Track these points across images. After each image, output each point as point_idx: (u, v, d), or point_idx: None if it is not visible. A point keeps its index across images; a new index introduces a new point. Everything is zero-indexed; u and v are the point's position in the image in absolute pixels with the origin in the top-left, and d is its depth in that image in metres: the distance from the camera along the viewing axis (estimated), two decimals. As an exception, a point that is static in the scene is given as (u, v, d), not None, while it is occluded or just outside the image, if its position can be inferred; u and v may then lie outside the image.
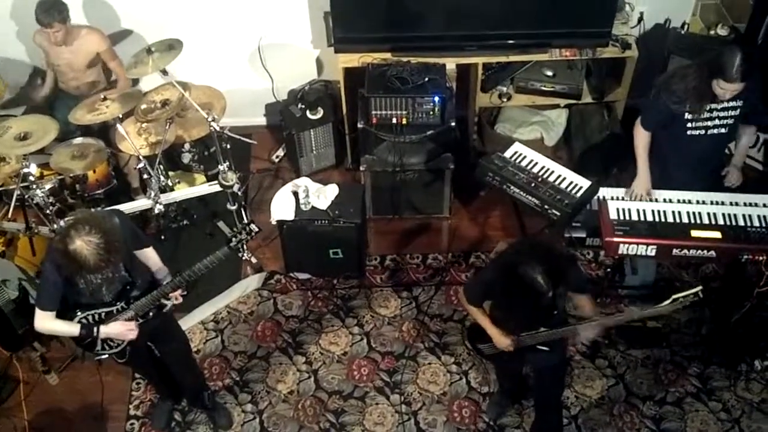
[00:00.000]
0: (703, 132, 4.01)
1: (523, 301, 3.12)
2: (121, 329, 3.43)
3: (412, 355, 4.55)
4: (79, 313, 3.41)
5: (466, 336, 4.08)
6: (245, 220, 4.02)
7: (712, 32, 5.02)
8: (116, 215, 3.31)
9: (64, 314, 3.39)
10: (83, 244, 2.99)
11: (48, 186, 4.51)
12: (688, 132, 4.02)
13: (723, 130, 4.01)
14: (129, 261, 3.42)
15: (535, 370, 3.91)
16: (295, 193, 4.66)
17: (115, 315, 3.45)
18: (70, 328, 3.39)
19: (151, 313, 3.54)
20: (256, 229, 3.34)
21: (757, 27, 4.82)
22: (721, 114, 3.96)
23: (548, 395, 3.93)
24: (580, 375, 4.40)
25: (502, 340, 3.48)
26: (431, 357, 4.54)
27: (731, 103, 3.92)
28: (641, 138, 4.15)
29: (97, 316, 3.43)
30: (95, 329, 3.39)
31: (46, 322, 3.35)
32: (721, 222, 3.99)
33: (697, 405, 4.28)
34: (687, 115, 3.97)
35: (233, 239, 3.34)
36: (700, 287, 3.13)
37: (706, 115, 3.96)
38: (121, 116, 4.54)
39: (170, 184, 4.81)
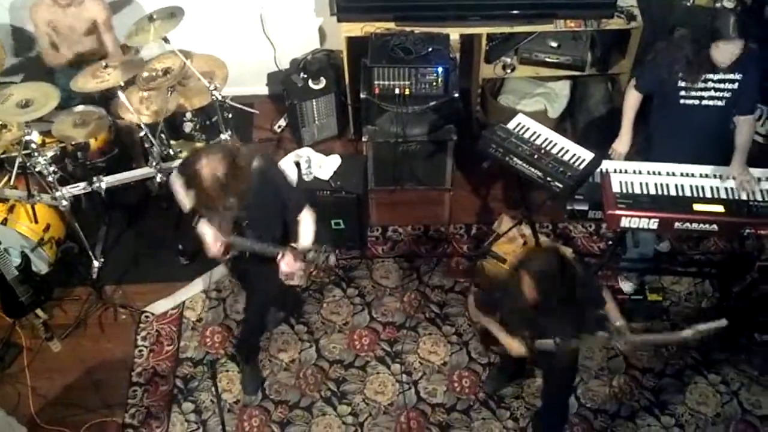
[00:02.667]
0: (697, 102, 3.94)
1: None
2: (211, 237, 3.49)
3: (413, 326, 4.57)
4: None
5: (480, 339, 4.16)
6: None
7: (717, 5, 4.97)
8: (265, 164, 3.44)
9: None
10: (207, 163, 3.10)
11: (50, 154, 4.49)
12: (681, 101, 3.95)
13: (719, 103, 3.92)
14: (258, 211, 3.49)
15: (544, 370, 3.91)
16: (297, 164, 4.65)
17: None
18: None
19: (247, 255, 3.63)
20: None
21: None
22: (718, 85, 3.88)
23: (554, 395, 3.91)
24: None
25: (515, 346, 3.48)
26: (432, 327, 4.56)
27: (729, 75, 3.84)
28: (631, 98, 4.15)
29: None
30: (199, 217, 3.48)
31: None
32: (723, 196, 3.98)
33: (697, 377, 4.31)
34: (681, 83, 3.90)
35: None
36: (725, 321, 3.11)
37: (701, 85, 3.88)
38: (122, 84, 4.51)
39: (172, 153, 4.79)
